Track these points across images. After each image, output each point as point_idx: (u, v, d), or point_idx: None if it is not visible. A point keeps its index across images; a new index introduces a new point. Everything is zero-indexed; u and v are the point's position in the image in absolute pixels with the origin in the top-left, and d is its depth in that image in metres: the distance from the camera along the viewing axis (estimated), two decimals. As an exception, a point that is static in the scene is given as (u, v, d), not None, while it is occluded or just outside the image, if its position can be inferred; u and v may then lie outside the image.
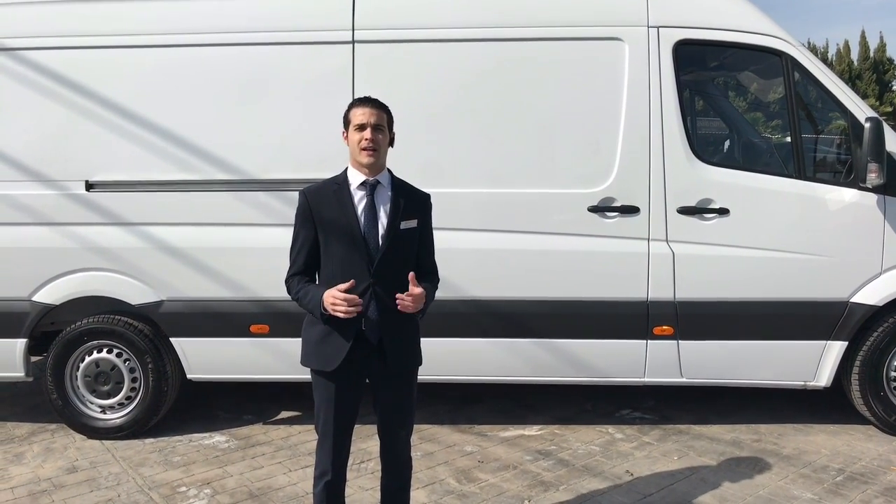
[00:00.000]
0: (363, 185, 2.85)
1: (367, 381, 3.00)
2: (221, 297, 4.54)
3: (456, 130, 4.45)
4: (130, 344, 4.63)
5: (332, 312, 2.74)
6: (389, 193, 2.88)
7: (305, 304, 2.87)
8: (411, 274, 2.78)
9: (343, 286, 2.73)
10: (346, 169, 2.93)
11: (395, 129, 2.97)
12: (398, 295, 2.76)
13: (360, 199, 2.85)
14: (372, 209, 2.84)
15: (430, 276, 3.00)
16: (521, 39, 4.41)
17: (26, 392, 5.48)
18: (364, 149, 2.81)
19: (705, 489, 3.92)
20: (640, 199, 4.38)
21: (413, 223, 2.89)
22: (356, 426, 3.05)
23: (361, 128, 2.81)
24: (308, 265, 2.93)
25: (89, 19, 4.50)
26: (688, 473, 4.11)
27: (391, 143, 2.94)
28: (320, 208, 2.86)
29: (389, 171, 2.95)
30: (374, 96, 2.92)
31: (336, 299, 2.72)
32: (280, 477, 4.14)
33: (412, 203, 2.92)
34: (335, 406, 2.90)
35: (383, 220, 2.84)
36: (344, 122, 2.91)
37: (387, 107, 2.90)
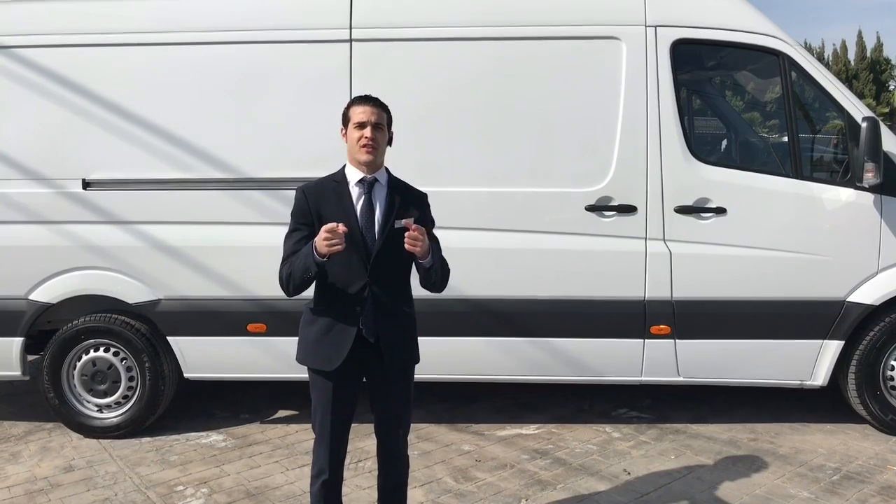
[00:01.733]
0: (360, 182, 2.85)
1: (364, 379, 2.99)
2: (218, 295, 4.53)
3: (453, 129, 4.45)
4: (127, 343, 4.63)
5: (330, 250, 2.63)
6: (386, 192, 2.88)
7: (298, 266, 2.76)
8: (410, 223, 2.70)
9: (329, 225, 2.64)
10: (344, 166, 2.93)
11: (393, 127, 2.96)
12: (405, 222, 2.68)
13: (357, 196, 2.85)
14: (369, 207, 2.84)
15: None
16: (519, 38, 4.41)
17: (23, 391, 5.47)
18: (364, 147, 2.80)
19: (702, 488, 3.92)
20: (637, 198, 4.38)
21: (409, 221, 2.88)
22: (353, 425, 3.05)
23: (361, 126, 2.81)
24: None
25: (86, 17, 4.50)
26: (685, 472, 4.11)
27: (390, 143, 2.94)
28: (320, 206, 2.86)
29: (387, 169, 2.95)
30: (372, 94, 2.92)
31: (327, 233, 2.62)
32: (277, 476, 4.13)
33: (408, 202, 2.91)
34: (332, 405, 2.90)
35: (379, 219, 2.84)
36: (343, 120, 2.90)
37: (386, 106, 2.90)
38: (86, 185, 4.51)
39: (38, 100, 4.48)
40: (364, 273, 2.81)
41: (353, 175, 2.87)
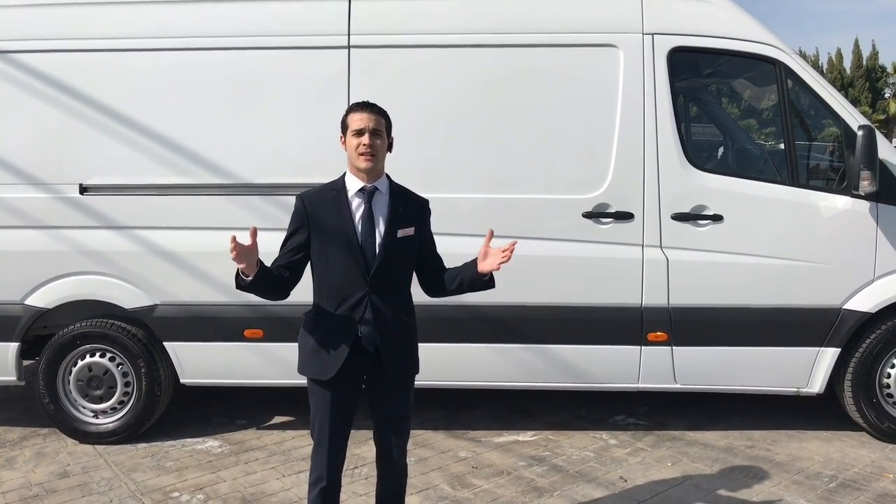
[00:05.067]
0: (361, 191, 2.85)
1: (364, 387, 2.98)
2: (215, 301, 4.52)
3: (451, 136, 4.45)
4: (123, 348, 4.61)
5: (239, 265, 2.67)
6: (388, 201, 2.87)
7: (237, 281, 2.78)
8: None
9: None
10: (344, 174, 2.92)
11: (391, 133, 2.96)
12: (510, 246, 2.78)
13: (357, 206, 2.84)
14: (369, 217, 2.83)
15: (444, 271, 3.01)
16: (516, 46, 4.42)
17: (18, 396, 5.45)
18: (362, 154, 2.79)
19: (699, 495, 3.92)
20: (634, 205, 4.39)
21: (410, 231, 2.88)
22: (350, 431, 3.04)
23: (359, 133, 2.80)
24: (287, 265, 2.88)
25: (85, 22, 4.49)
26: (681, 480, 4.11)
27: (390, 149, 2.93)
28: (317, 214, 2.85)
29: (388, 176, 2.94)
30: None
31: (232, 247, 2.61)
32: (273, 482, 4.12)
33: (410, 210, 2.91)
34: (331, 413, 2.89)
35: (381, 229, 2.83)
36: (342, 127, 2.89)
37: (385, 111, 2.88)
38: (83, 189, 4.50)
39: (35, 104, 4.47)
40: (363, 283, 2.80)
41: (353, 184, 2.86)
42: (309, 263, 2.94)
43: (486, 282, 2.92)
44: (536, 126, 4.43)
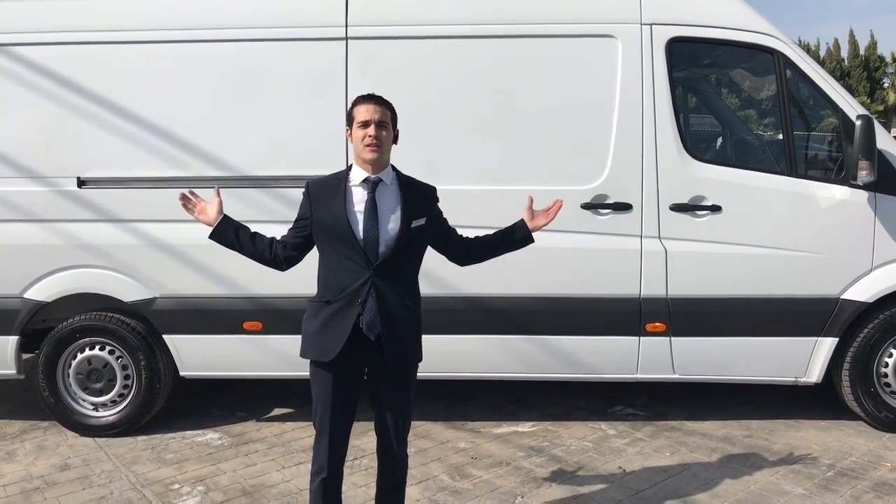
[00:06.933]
0: (365, 181, 2.87)
1: (366, 377, 2.99)
2: (214, 293, 4.52)
3: (449, 127, 4.45)
4: (123, 341, 4.62)
5: (193, 213, 3.10)
6: (396, 191, 2.90)
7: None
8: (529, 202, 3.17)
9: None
10: (351, 166, 2.95)
11: None
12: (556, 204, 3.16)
13: (361, 196, 2.87)
14: (373, 207, 2.85)
15: (469, 239, 3.16)
16: (514, 36, 4.41)
17: (18, 389, 5.45)
18: (367, 145, 2.82)
19: (697, 485, 3.94)
20: (632, 196, 4.39)
21: (422, 221, 2.93)
22: (353, 422, 3.04)
23: (365, 124, 2.83)
24: (291, 241, 3.00)
25: (81, 14, 4.48)
26: (680, 469, 4.13)
27: (395, 141, 2.96)
28: (318, 200, 2.90)
29: (394, 167, 2.97)
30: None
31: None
32: (273, 474, 4.14)
33: (420, 200, 2.96)
34: (333, 401, 2.90)
35: (390, 219, 2.85)
36: (347, 119, 2.94)
37: (391, 104, 2.93)
38: (81, 183, 4.50)
39: (33, 97, 4.46)
40: (364, 270, 2.82)
41: (358, 174, 2.90)
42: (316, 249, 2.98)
43: (526, 238, 3.19)
44: (535, 117, 4.42)
